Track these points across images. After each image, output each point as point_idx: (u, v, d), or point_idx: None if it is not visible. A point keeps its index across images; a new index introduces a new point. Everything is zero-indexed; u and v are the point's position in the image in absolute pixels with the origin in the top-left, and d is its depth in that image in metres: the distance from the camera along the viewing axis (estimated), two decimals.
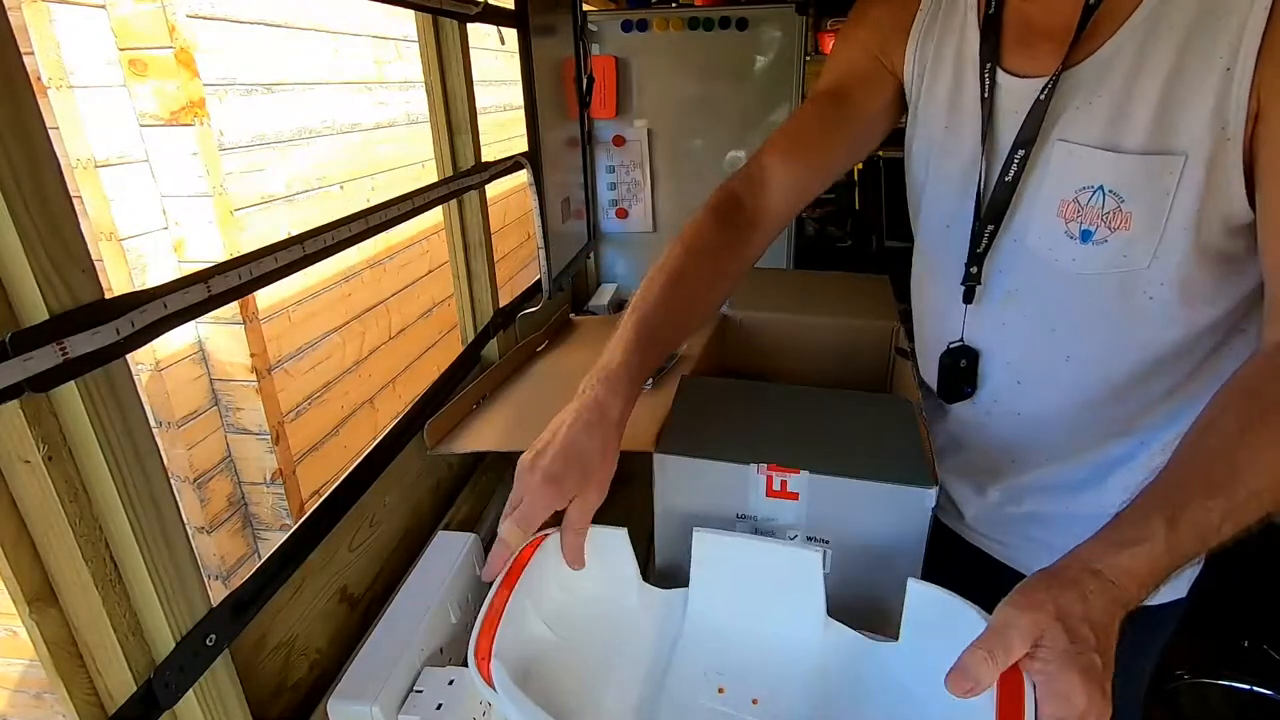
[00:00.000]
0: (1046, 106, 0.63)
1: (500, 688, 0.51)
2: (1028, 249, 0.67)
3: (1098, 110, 0.61)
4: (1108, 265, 0.63)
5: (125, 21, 1.62)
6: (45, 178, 0.38)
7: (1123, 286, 0.63)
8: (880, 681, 0.58)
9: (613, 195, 1.66)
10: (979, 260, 0.70)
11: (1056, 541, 0.76)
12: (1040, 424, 0.74)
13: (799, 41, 1.50)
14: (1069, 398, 0.71)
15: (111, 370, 0.42)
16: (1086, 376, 0.69)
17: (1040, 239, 0.66)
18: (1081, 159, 0.62)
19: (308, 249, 0.62)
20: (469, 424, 0.91)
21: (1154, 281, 0.62)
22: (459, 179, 0.93)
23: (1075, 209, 0.62)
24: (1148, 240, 0.60)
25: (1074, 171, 0.62)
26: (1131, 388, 0.68)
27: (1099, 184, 0.61)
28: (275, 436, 2.00)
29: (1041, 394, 0.72)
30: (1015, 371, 0.73)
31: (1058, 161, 0.63)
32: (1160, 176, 0.58)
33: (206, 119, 1.74)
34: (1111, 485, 0.72)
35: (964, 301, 0.73)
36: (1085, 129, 0.61)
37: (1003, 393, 0.75)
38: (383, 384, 2.65)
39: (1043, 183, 0.65)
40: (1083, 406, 0.70)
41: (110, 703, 0.47)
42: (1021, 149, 0.65)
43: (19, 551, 0.42)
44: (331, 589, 0.70)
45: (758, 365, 1.08)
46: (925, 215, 0.78)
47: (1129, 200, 0.60)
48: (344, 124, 2.33)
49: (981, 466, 0.80)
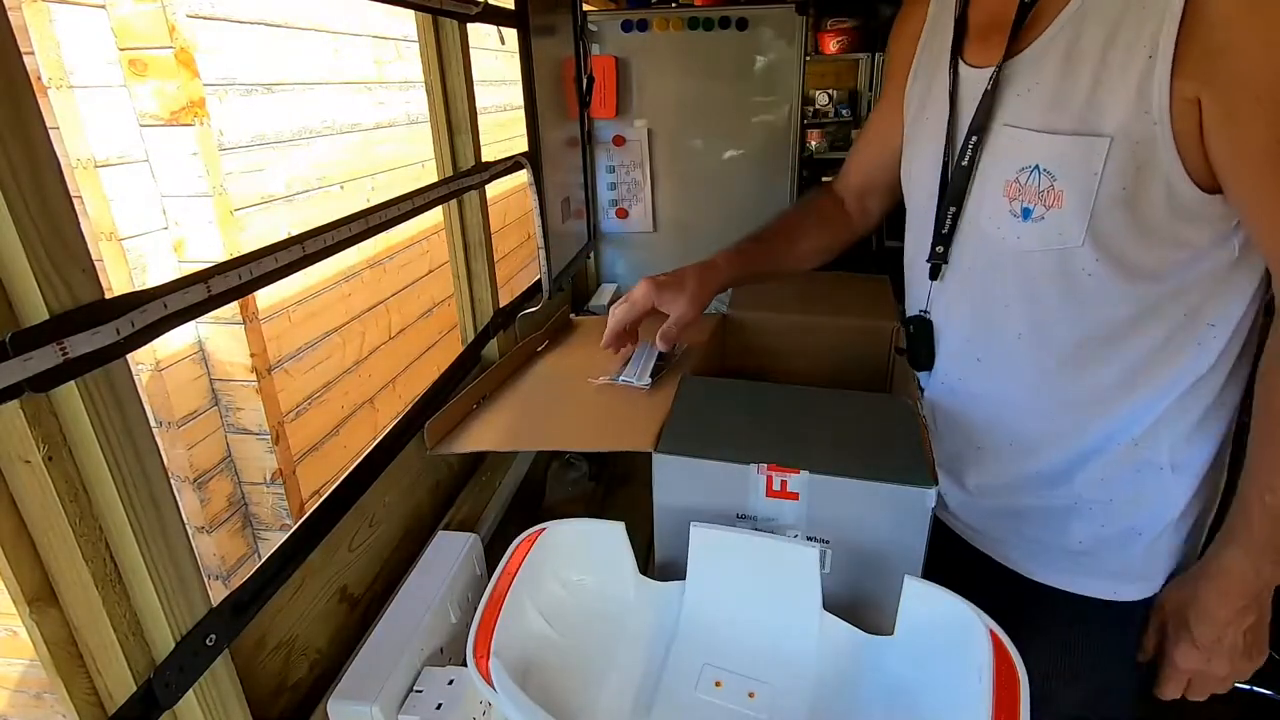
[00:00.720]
0: (994, 95, 0.69)
1: (499, 686, 0.51)
2: (980, 229, 0.72)
3: (1035, 96, 0.66)
4: (1045, 242, 0.67)
5: (125, 21, 1.62)
6: (45, 178, 0.38)
7: (1061, 263, 0.67)
8: (876, 675, 0.58)
9: (613, 195, 1.66)
10: (945, 240, 0.76)
11: (1033, 533, 0.78)
12: (1001, 405, 0.77)
13: (799, 41, 1.50)
14: (1024, 376, 0.74)
15: (111, 370, 0.42)
16: (1039, 353, 0.72)
17: (990, 218, 0.71)
18: (1021, 141, 0.67)
19: (308, 249, 0.62)
20: (469, 424, 0.91)
21: (1089, 258, 0.65)
22: (459, 179, 0.93)
23: (1017, 188, 0.67)
24: (1079, 218, 0.64)
25: (1016, 153, 0.67)
26: (1083, 368, 0.71)
27: (1035, 163, 0.65)
28: (275, 436, 2.00)
29: (998, 372, 0.76)
30: (974, 348, 0.77)
31: (1003, 144, 0.69)
32: (1088, 157, 0.62)
33: (206, 119, 1.74)
34: (1082, 479, 0.74)
35: (930, 278, 0.79)
36: (1025, 113, 0.67)
37: (965, 369, 0.79)
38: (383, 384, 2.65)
39: (992, 165, 0.70)
40: (1039, 386, 0.73)
41: (110, 703, 0.47)
42: (974, 135, 0.71)
43: (19, 551, 0.42)
44: (331, 589, 0.70)
45: (758, 365, 1.08)
46: (909, 199, 0.84)
47: (1060, 178, 0.64)
48: (344, 124, 2.33)
49: (956, 454, 0.82)
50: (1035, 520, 0.78)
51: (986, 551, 0.82)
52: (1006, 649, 0.51)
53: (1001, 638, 0.52)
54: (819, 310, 1.06)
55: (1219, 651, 0.68)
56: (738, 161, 1.62)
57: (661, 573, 0.71)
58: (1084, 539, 0.75)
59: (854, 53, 3.93)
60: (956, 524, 0.85)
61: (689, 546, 0.64)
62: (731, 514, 0.68)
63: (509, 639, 0.56)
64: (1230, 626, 0.67)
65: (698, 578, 0.64)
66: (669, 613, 0.65)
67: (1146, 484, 0.72)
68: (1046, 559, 0.78)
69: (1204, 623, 0.68)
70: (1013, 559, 0.80)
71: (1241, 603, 0.66)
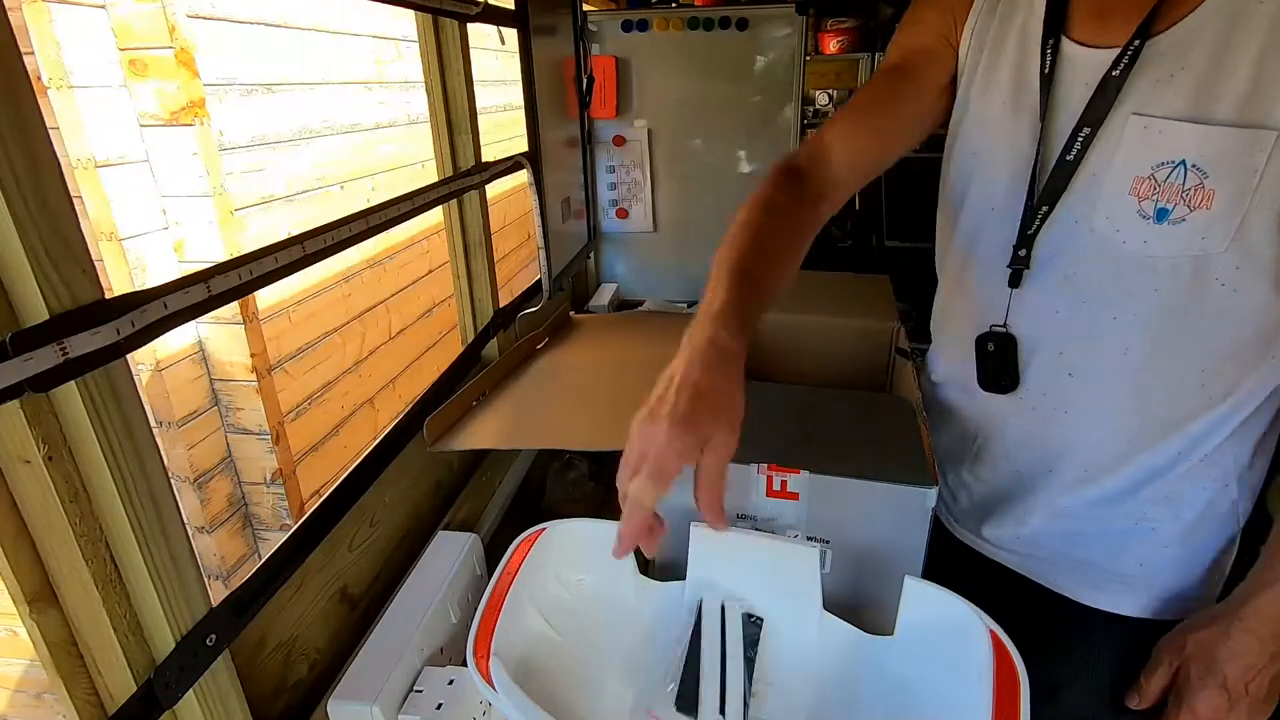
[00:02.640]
0: (1123, 79, 0.60)
1: (499, 686, 0.51)
2: (1091, 230, 0.64)
3: (1181, 82, 0.58)
4: (1182, 248, 0.59)
5: (125, 21, 1.62)
6: (45, 178, 0.38)
7: (1195, 271, 0.60)
8: (876, 675, 0.58)
9: (613, 195, 1.66)
10: (1029, 243, 0.67)
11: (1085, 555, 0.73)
12: (1088, 424, 0.69)
13: (799, 41, 1.50)
14: (1124, 395, 0.66)
15: (111, 370, 0.43)
16: (1146, 371, 0.65)
17: (1108, 219, 0.62)
18: (1162, 133, 0.58)
19: (308, 249, 0.62)
20: (469, 422, 0.91)
21: (1229, 265, 0.58)
22: (459, 179, 0.93)
23: (1151, 186, 0.59)
24: (1228, 221, 0.57)
25: (1152, 146, 0.59)
26: (1192, 388, 0.64)
27: (1181, 158, 0.58)
28: (275, 436, 2.00)
29: (1095, 390, 0.68)
30: (1067, 363, 0.69)
31: (1132, 136, 0.60)
32: (1251, 151, 0.55)
33: (206, 119, 1.74)
34: (1147, 497, 0.69)
35: (1009, 285, 0.69)
36: (1167, 101, 0.58)
37: (1051, 387, 0.70)
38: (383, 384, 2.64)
39: (1113, 159, 0.61)
40: (1137, 407, 0.66)
41: (110, 703, 0.47)
42: (1087, 126, 0.62)
43: (19, 551, 0.42)
44: (331, 589, 0.70)
45: (758, 365, 1.08)
46: (971, 197, 0.74)
47: (1213, 176, 0.57)
48: (344, 124, 2.33)
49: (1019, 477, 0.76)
50: (1091, 543, 0.72)
51: (1026, 574, 0.77)
52: (1006, 649, 0.51)
53: (1002, 638, 0.52)
54: (819, 310, 1.06)
55: (1243, 699, 0.62)
56: (738, 161, 1.62)
57: (661, 573, 0.71)
58: (1143, 560, 0.71)
59: (854, 53, 3.92)
60: (998, 553, 0.79)
61: (689, 546, 0.64)
62: (732, 514, 0.68)
63: (509, 639, 0.56)
64: (1263, 673, 0.61)
65: (698, 578, 0.64)
66: (669, 613, 0.65)
67: (1212, 503, 0.68)
68: (1099, 582, 0.73)
69: (1236, 667, 0.62)
70: (1060, 583, 0.75)
71: (1275, 648, 0.61)
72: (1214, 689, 0.63)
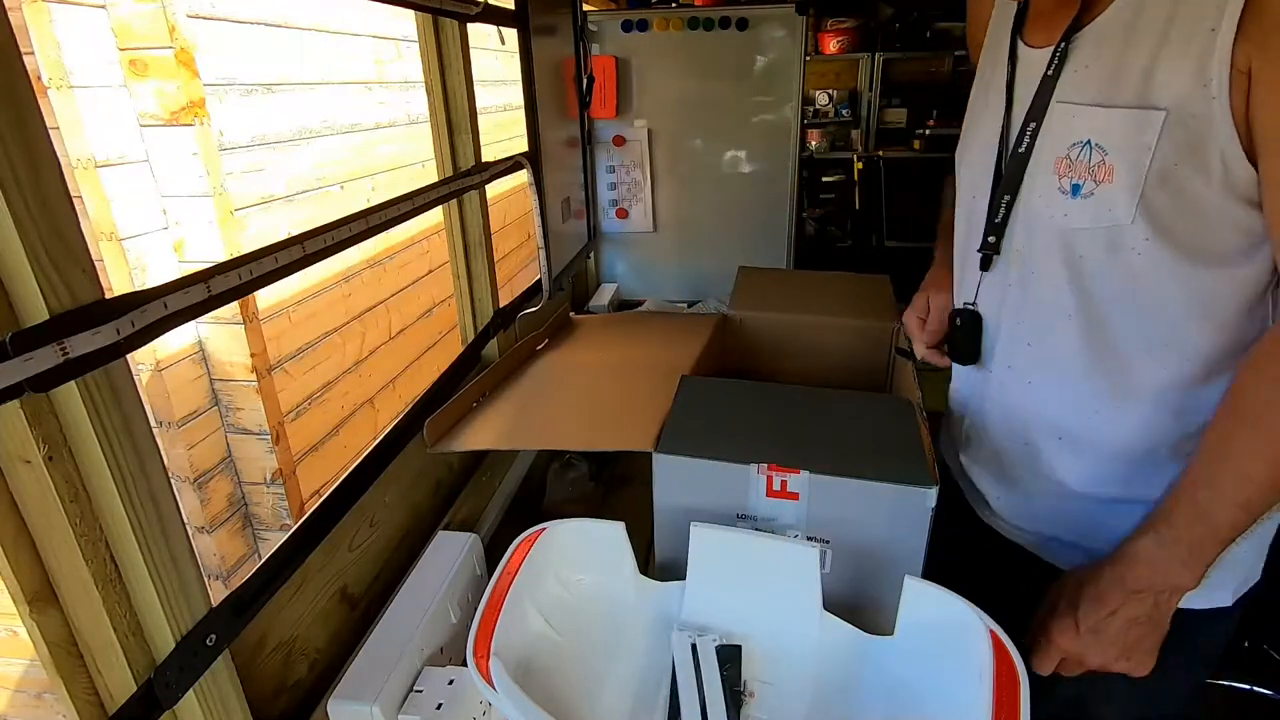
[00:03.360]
0: (1057, 76, 0.67)
1: (500, 686, 0.51)
2: (1030, 209, 0.71)
3: (1094, 72, 0.65)
4: (1095, 219, 0.65)
5: (125, 21, 1.62)
6: (45, 178, 0.38)
7: (1111, 242, 0.66)
8: (876, 674, 0.58)
9: (613, 195, 1.66)
10: (998, 230, 0.74)
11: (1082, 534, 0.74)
12: (1050, 390, 0.74)
13: (799, 41, 1.50)
14: (1077, 361, 0.71)
15: (111, 370, 0.43)
16: (1092, 338, 0.70)
17: (1040, 197, 0.69)
18: (1076, 116, 0.66)
19: (308, 249, 0.62)
20: (469, 422, 0.91)
21: (1138, 236, 0.64)
22: (459, 179, 0.93)
23: (1067, 164, 0.66)
24: (1129, 194, 0.63)
25: (1069, 129, 0.66)
26: (1139, 354, 0.68)
27: (1087, 138, 0.65)
28: (275, 436, 2.00)
29: (1049, 355, 0.73)
30: (1025, 333, 0.75)
31: (1057, 122, 0.67)
32: (1143, 131, 0.61)
33: (206, 119, 1.74)
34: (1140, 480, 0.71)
35: (980, 269, 0.77)
36: (1082, 89, 0.66)
37: (1015, 357, 0.77)
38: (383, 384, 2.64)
39: (1046, 144, 0.69)
40: (1088, 372, 0.71)
41: (110, 703, 0.47)
42: (1034, 120, 0.69)
43: (19, 551, 0.42)
44: (331, 589, 0.70)
45: (758, 365, 1.08)
46: (961, 189, 0.82)
47: (1112, 153, 0.63)
48: (344, 124, 2.33)
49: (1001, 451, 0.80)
50: (1088, 521, 0.74)
51: (1035, 552, 0.79)
52: (1006, 649, 0.51)
53: (1002, 638, 0.52)
54: (819, 310, 1.06)
55: (1096, 639, 0.65)
56: (738, 161, 1.62)
57: (661, 573, 0.71)
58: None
59: (854, 53, 3.93)
60: (1003, 525, 0.82)
61: (689, 546, 0.64)
62: (731, 514, 0.68)
63: (509, 639, 0.56)
64: (1115, 616, 0.64)
65: (698, 578, 0.64)
66: (669, 613, 0.65)
67: None
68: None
69: (1091, 605, 0.65)
70: (1067, 560, 0.76)
71: (1135, 593, 0.63)
72: (1069, 622, 0.66)
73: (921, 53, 3.91)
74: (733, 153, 1.62)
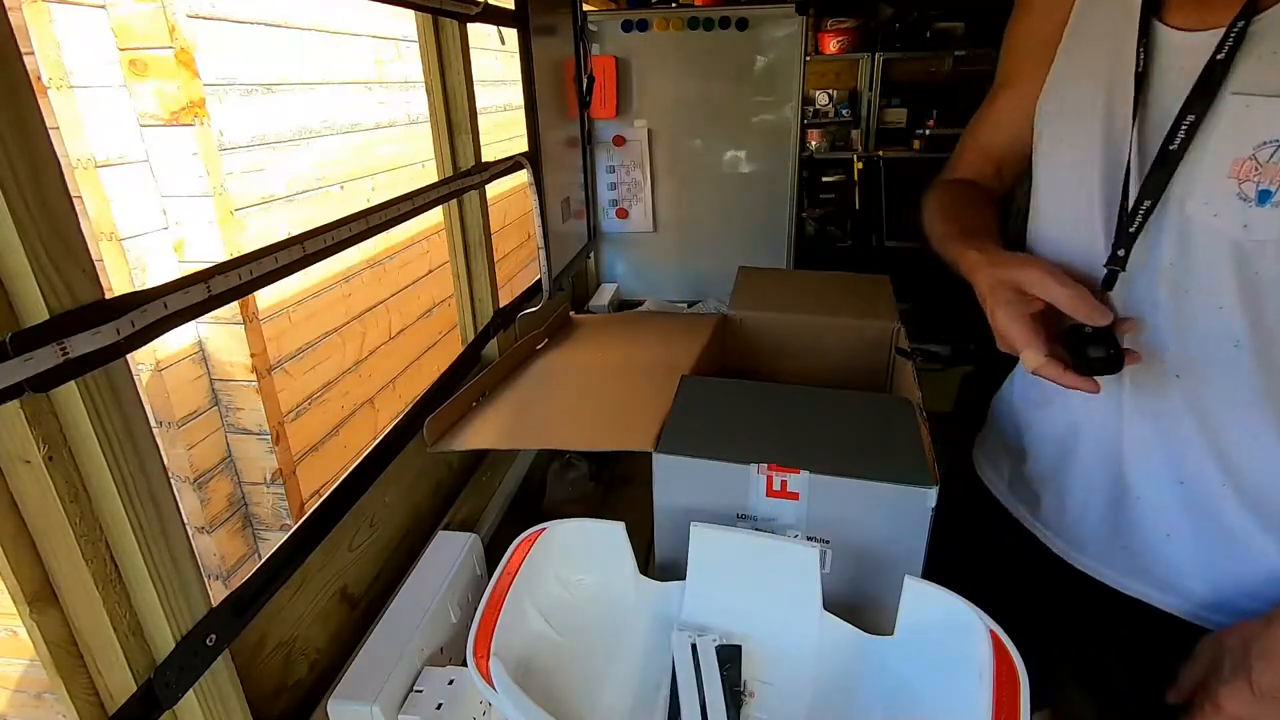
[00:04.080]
0: (1229, 61, 0.57)
1: (500, 686, 0.51)
2: (1187, 217, 0.60)
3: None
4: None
5: (125, 21, 1.62)
6: (45, 178, 0.38)
7: None
8: (876, 675, 0.58)
9: (613, 195, 1.66)
10: (1129, 241, 0.63)
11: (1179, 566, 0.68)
12: (1211, 430, 0.64)
13: (799, 41, 1.50)
14: (1238, 393, 0.62)
15: (112, 370, 0.42)
16: (1262, 367, 0.60)
17: (1205, 204, 0.59)
18: (1263, 111, 0.56)
19: (308, 249, 0.62)
20: (469, 422, 0.91)
21: None
22: (459, 179, 0.93)
23: (1253, 167, 0.56)
24: None
25: (1254, 125, 0.56)
26: None
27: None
28: (275, 436, 2.00)
29: (1202, 388, 0.63)
30: (1173, 363, 0.64)
31: (1232, 117, 0.57)
32: None
33: (206, 119, 1.74)
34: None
35: (1104, 287, 0.65)
36: (1269, 78, 0.56)
37: (1147, 388, 0.66)
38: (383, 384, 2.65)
39: (1209, 141, 0.59)
40: (1251, 403, 0.61)
41: (110, 703, 0.47)
42: (1192, 113, 0.59)
43: (19, 551, 0.42)
44: (331, 589, 0.70)
45: (758, 365, 1.08)
46: (1056, 198, 0.72)
47: None
48: (344, 124, 2.33)
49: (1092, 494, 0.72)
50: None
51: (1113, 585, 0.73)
52: (1007, 649, 0.51)
53: (1002, 638, 0.52)
54: (819, 310, 1.06)
55: (1270, 701, 0.59)
56: (738, 161, 1.62)
57: (661, 573, 0.71)
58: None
59: (854, 53, 3.93)
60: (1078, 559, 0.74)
61: (689, 546, 0.64)
62: (731, 514, 0.68)
63: (509, 639, 0.56)
64: None
65: (698, 578, 0.64)
66: (669, 613, 0.65)
67: None
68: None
69: (1268, 665, 0.59)
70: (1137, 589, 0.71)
71: None
72: (1241, 684, 0.60)
73: (921, 53, 3.91)
74: (733, 153, 1.62)
